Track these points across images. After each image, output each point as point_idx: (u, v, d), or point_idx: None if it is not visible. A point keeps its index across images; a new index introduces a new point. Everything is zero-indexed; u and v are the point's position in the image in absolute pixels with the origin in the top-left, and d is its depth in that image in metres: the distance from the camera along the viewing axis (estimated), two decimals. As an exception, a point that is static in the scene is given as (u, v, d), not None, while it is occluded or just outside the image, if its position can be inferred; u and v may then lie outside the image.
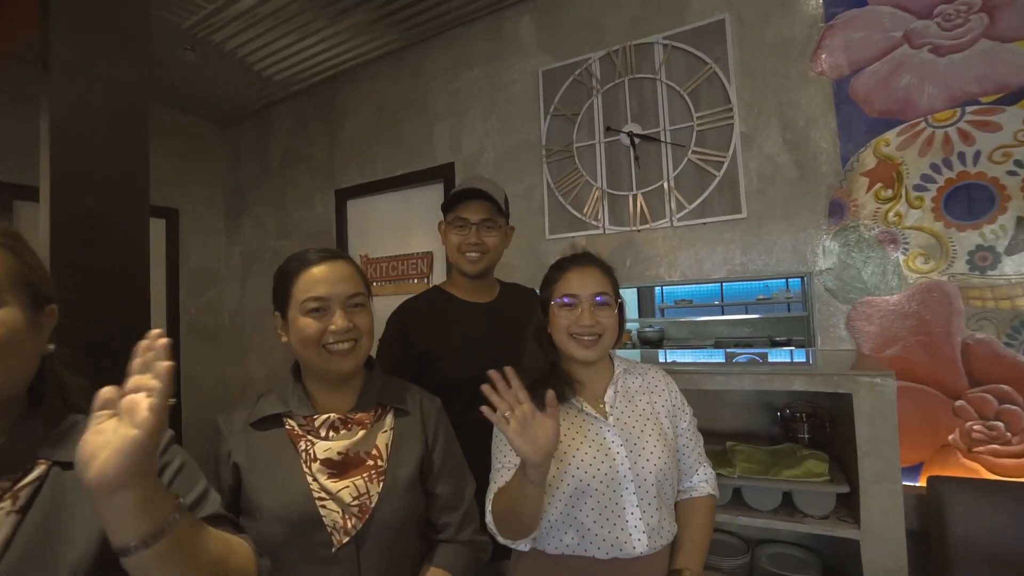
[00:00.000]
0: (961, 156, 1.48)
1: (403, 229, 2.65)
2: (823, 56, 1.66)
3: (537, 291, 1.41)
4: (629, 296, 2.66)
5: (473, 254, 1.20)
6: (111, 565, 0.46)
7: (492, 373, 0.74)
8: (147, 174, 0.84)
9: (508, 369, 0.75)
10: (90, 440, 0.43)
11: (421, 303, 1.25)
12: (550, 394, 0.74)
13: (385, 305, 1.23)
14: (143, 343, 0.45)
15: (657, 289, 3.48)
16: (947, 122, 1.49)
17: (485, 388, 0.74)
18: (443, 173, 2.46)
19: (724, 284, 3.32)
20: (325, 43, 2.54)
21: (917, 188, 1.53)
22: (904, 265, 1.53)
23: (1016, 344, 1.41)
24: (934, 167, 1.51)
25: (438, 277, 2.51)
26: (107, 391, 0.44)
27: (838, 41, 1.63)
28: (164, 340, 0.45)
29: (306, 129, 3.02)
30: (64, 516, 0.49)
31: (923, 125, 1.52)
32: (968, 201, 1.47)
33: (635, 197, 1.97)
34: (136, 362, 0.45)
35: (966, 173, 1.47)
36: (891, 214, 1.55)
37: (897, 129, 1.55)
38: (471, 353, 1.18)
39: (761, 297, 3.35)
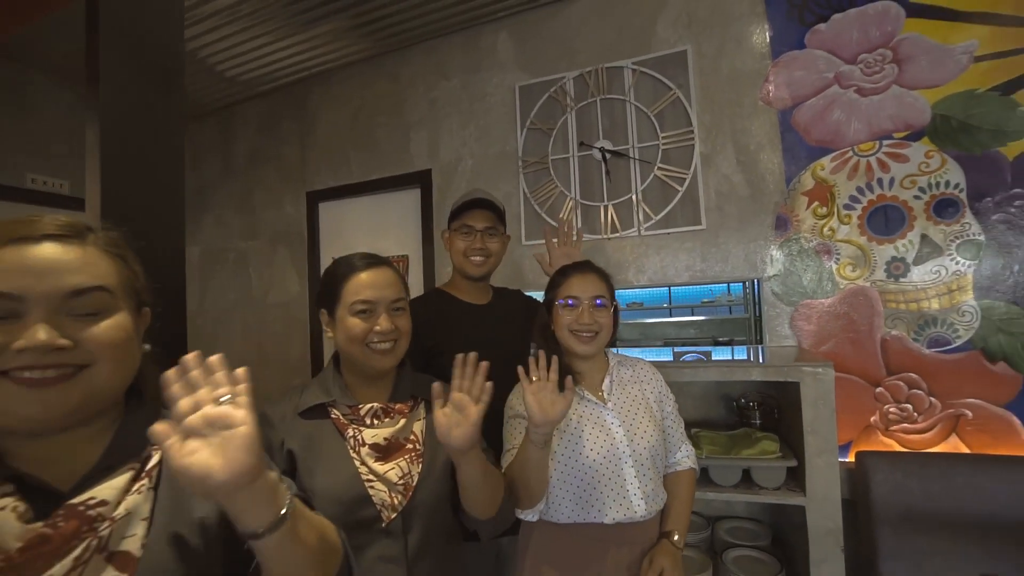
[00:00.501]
0: (880, 181, 1.75)
1: (378, 233, 2.69)
2: (770, 89, 1.90)
3: (523, 292, 1.54)
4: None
5: (478, 258, 1.30)
6: (231, 524, 0.53)
7: (541, 353, 0.89)
8: (183, 184, 0.87)
9: (555, 358, 0.89)
10: (192, 460, 0.46)
11: (424, 302, 1.34)
12: (569, 379, 0.87)
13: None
14: (186, 359, 0.50)
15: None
16: (869, 152, 1.77)
17: (531, 359, 0.89)
18: (420, 179, 2.52)
19: (672, 288, 3.60)
20: (296, 47, 2.52)
21: (846, 207, 1.79)
22: (836, 273, 1.79)
23: (921, 339, 1.69)
24: (859, 189, 1.78)
25: (414, 280, 2.57)
26: (161, 426, 0.47)
27: (782, 77, 1.88)
28: (216, 357, 0.51)
29: (275, 129, 2.98)
30: (183, 491, 0.55)
31: (850, 154, 1.79)
32: (885, 219, 1.74)
33: (606, 208, 2.14)
34: (180, 385, 0.49)
35: (883, 196, 1.75)
36: (826, 229, 1.81)
37: (830, 156, 1.81)
38: (473, 350, 1.28)
39: (705, 300, 3.67)
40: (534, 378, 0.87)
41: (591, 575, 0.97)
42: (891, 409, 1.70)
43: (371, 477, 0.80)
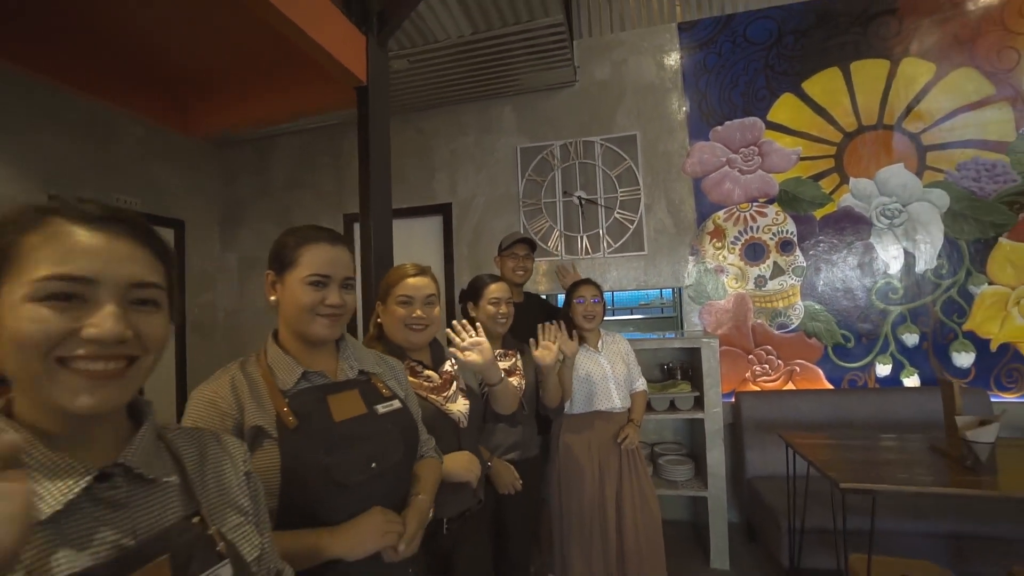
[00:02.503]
0: (751, 227, 2.83)
1: (404, 248, 3.45)
2: (688, 165, 2.94)
3: (538, 295, 2.43)
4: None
5: (520, 272, 2.18)
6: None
7: (562, 323, 1.77)
8: (391, 239, 1.67)
9: (563, 323, 1.78)
10: (466, 359, 1.30)
11: (488, 301, 2.19)
12: (576, 335, 1.78)
13: (468, 302, 2.15)
14: (450, 333, 1.37)
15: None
16: (745, 210, 2.84)
17: (546, 326, 1.76)
18: (442, 210, 3.35)
19: (615, 293, 4.60)
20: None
21: (732, 243, 2.85)
22: (726, 284, 2.85)
23: (773, 325, 2.77)
24: (740, 232, 2.85)
25: (435, 285, 3.38)
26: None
27: (695, 158, 2.93)
28: (458, 324, 1.38)
29: (312, 162, 3.66)
30: (465, 373, 1.40)
31: (735, 210, 2.85)
32: (754, 252, 2.82)
33: (581, 237, 3.08)
34: (453, 337, 1.36)
35: (754, 237, 2.83)
36: (720, 256, 2.86)
37: (723, 210, 2.87)
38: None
39: (642, 303, 4.76)
40: (557, 335, 1.77)
41: (593, 437, 1.88)
42: (756, 368, 2.77)
43: (502, 383, 1.65)
